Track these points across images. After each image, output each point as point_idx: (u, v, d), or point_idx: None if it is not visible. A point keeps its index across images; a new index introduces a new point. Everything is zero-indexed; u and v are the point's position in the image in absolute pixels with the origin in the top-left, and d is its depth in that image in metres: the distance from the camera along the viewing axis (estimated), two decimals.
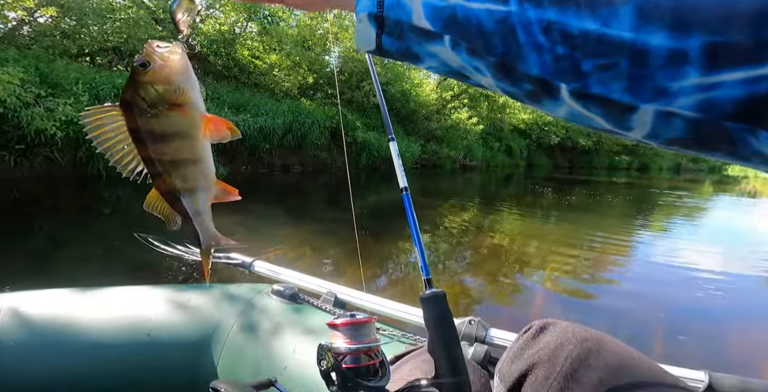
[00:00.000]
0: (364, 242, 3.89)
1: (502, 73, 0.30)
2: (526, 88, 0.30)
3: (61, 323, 0.92)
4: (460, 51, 0.31)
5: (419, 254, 0.49)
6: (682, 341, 2.27)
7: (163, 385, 0.93)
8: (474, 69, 0.32)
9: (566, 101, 0.29)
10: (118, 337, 0.92)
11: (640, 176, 24.20)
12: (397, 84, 14.55)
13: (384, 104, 0.60)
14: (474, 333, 0.81)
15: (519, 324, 2.30)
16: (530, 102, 0.32)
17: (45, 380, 0.87)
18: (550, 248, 4.37)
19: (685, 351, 2.17)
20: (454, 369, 0.45)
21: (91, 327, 0.93)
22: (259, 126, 8.90)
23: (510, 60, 0.29)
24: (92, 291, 1.03)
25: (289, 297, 1.04)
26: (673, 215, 8.01)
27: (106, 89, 6.70)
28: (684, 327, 2.45)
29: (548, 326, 0.61)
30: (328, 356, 0.51)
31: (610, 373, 0.49)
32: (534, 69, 0.28)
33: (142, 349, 0.92)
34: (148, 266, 2.84)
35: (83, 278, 2.54)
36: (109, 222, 4.18)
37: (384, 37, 0.35)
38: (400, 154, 0.56)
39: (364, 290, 1.04)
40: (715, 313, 2.75)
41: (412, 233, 0.51)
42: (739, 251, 4.77)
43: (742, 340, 2.36)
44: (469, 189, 10.93)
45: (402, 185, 0.54)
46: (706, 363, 0.74)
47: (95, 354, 0.90)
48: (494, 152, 20.74)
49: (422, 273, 0.48)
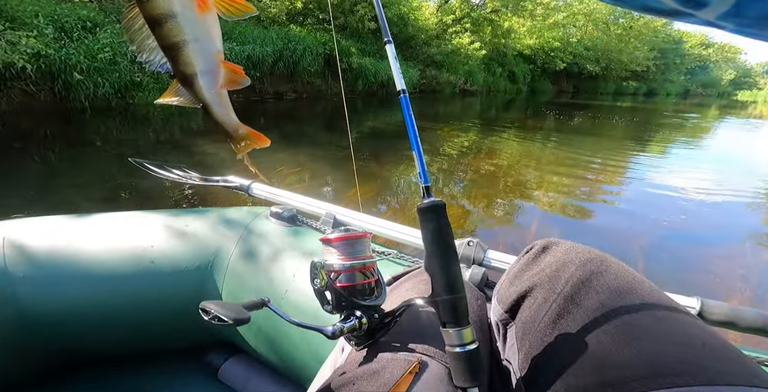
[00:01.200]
0: (362, 166, 3.88)
1: None
2: None
3: (65, 251, 0.91)
4: None
5: (418, 159, 0.44)
6: (664, 260, 2.36)
7: (169, 312, 0.95)
8: None
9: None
10: (123, 265, 0.92)
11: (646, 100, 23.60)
12: (394, 7, 13.55)
13: (379, 2, 0.52)
14: (472, 255, 0.79)
15: (515, 244, 2.40)
16: None
17: (53, 309, 0.88)
18: (547, 170, 4.38)
19: (665, 270, 2.25)
20: (452, 286, 0.42)
21: (96, 255, 0.92)
22: (247, 54, 8.51)
23: None
24: (93, 217, 1.01)
25: (287, 219, 1.03)
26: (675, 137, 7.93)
27: (71, 21, 6.31)
28: (665, 247, 2.53)
29: (551, 245, 0.58)
30: (321, 274, 0.49)
31: (611, 296, 0.47)
32: None
33: (147, 277, 0.93)
34: (147, 192, 2.85)
35: (82, 205, 2.56)
36: (101, 153, 4.11)
37: None
38: None
39: (360, 209, 1.02)
40: (697, 236, 2.82)
41: (410, 138, 0.45)
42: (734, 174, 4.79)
43: (717, 263, 2.44)
44: (469, 113, 10.74)
45: (399, 87, 0.47)
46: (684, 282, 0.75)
47: (102, 282, 0.91)
48: (496, 78, 20.02)
49: (420, 180, 0.43)
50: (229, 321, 0.41)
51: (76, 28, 6.31)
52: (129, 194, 2.85)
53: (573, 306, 0.48)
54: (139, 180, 3.03)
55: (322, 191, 3.15)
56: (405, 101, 0.45)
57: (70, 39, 6.06)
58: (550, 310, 0.49)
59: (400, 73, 0.49)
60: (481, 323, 0.61)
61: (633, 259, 2.33)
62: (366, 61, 11.27)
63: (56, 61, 5.69)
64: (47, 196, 2.70)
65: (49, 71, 5.72)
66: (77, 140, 4.53)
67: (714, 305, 0.67)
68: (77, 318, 0.90)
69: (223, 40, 0.49)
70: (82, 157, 3.90)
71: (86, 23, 6.49)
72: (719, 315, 0.66)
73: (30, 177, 3.12)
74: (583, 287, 0.49)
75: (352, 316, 0.48)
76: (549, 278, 0.52)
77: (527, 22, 19.35)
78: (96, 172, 3.38)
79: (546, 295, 0.51)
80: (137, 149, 4.24)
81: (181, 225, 1.01)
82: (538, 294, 0.52)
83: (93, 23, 6.57)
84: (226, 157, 3.78)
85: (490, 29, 17.99)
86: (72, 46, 5.97)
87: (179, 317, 0.95)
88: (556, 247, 0.58)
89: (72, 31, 6.22)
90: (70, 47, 5.93)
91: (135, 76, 6.73)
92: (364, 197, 3.04)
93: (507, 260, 0.78)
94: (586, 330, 0.45)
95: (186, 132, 5.33)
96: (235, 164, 3.56)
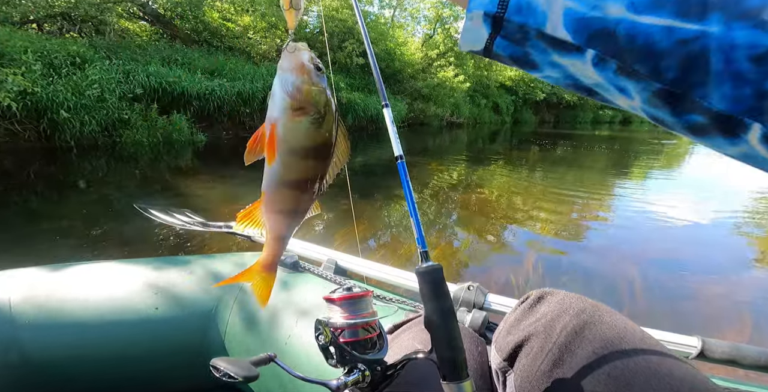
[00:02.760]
0: (356, 204, 3.89)
1: (662, 100, 0.25)
2: (693, 120, 0.25)
3: (71, 298, 0.91)
4: (605, 69, 0.26)
5: (415, 226, 0.47)
6: (657, 294, 2.37)
7: (174, 359, 0.95)
8: (617, 89, 0.27)
9: (750, 143, 0.24)
10: (128, 311, 0.92)
11: (622, 128, 24.45)
12: (381, 43, 14.09)
13: (378, 71, 0.55)
14: (473, 299, 0.81)
15: (510, 281, 2.40)
16: (687, 133, 0.27)
17: (58, 355, 0.88)
18: (536, 203, 4.44)
19: (660, 305, 2.27)
20: (450, 342, 0.45)
21: (102, 301, 0.92)
22: (237, 90, 8.60)
23: (684, 88, 0.24)
24: (100, 265, 1.02)
25: (290, 265, 1.04)
26: (654, 165, 8.19)
27: (60, 57, 6.26)
28: (658, 280, 2.55)
29: (545, 296, 0.61)
30: (326, 331, 0.51)
31: (604, 345, 0.49)
32: (721, 103, 0.23)
33: (151, 323, 0.93)
34: (136, 239, 2.80)
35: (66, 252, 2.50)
36: (88, 195, 4.05)
37: (498, 39, 0.30)
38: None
39: (359, 252, 1.04)
40: (685, 265, 2.86)
41: (409, 205, 0.48)
42: (710, 200, 4.95)
43: (711, 292, 2.47)
44: (457, 145, 10.94)
45: (397, 153, 0.50)
46: (682, 315, 0.76)
47: (107, 328, 0.90)
48: (481, 109, 20.63)
49: (419, 246, 0.46)
50: (239, 379, 0.42)
51: (65, 64, 6.26)
52: (115, 240, 2.79)
53: (568, 355, 0.50)
54: (124, 224, 2.98)
55: (319, 231, 3.14)
56: (402, 168, 0.48)
57: (58, 75, 6.02)
58: (547, 359, 0.51)
59: (398, 138, 0.52)
60: (482, 370, 0.62)
61: (626, 293, 2.34)
62: (355, 96, 11.47)
63: (43, 98, 5.62)
64: (26, 241, 2.64)
65: (35, 109, 5.63)
66: (62, 180, 4.45)
67: (715, 344, 0.69)
68: (81, 363, 0.89)
69: (213, 77, 0.51)
70: (68, 198, 3.84)
71: (75, 59, 6.46)
72: (721, 353, 0.67)
73: (10, 221, 3.05)
74: (577, 337, 0.51)
75: (355, 369, 0.49)
76: (544, 328, 0.54)
77: None
78: (82, 215, 3.32)
79: (542, 344, 0.53)
80: (124, 190, 4.17)
81: (185, 272, 1.01)
82: (534, 343, 0.54)
83: (82, 59, 6.55)
84: (215, 198, 3.77)
85: (472, 62, 18.71)
86: (60, 83, 5.91)
87: (184, 362, 0.95)
88: (550, 297, 0.60)
89: (61, 67, 6.18)
90: (57, 84, 5.88)
91: (123, 114, 6.66)
92: (362, 236, 3.04)
93: (507, 303, 0.80)
94: (580, 378, 0.47)
95: (174, 172, 5.25)
96: (227, 204, 3.56)
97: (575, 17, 0.26)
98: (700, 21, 0.23)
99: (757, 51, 0.22)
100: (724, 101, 0.23)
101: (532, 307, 0.61)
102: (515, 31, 0.29)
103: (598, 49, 0.26)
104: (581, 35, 0.26)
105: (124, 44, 8.43)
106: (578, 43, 0.27)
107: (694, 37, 0.23)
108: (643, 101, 0.27)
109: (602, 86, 0.29)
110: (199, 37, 10.70)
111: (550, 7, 0.27)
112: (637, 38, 0.24)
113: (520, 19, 0.28)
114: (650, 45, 0.24)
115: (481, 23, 0.30)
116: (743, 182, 5.84)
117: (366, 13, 14.75)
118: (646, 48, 0.24)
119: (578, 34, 0.26)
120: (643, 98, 0.26)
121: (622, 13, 0.25)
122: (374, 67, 0.53)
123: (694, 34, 0.23)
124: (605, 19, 0.25)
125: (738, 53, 0.22)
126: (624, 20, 0.25)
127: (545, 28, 0.27)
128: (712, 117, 0.24)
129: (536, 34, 0.28)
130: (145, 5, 9.92)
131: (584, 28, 0.26)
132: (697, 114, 0.25)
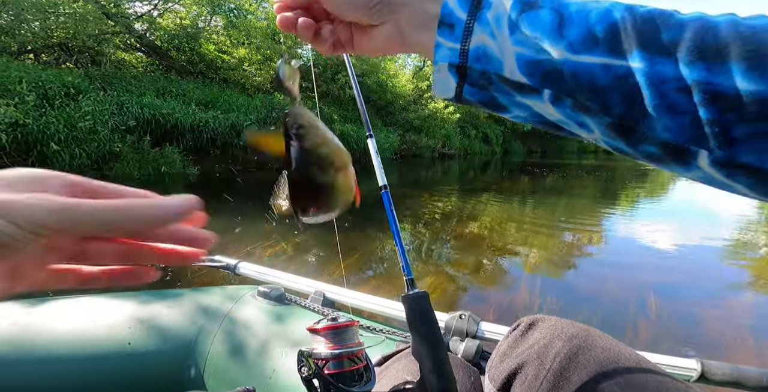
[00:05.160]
0: (345, 237, 3.87)
1: (617, 133, 0.27)
2: (647, 150, 0.27)
3: (38, 334, 0.88)
4: (562, 106, 0.29)
5: (400, 254, 0.48)
6: (656, 319, 2.36)
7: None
8: (578, 125, 0.29)
9: (702, 168, 0.25)
10: (98, 347, 0.88)
11: (607, 157, 25.03)
12: (373, 75, 14.47)
13: (362, 103, 0.58)
14: (465, 328, 0.80)
15: (504, 310, 2.37)
16: (649, 162, 0.28)
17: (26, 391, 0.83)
18: (529, 232, 4.46)
19: (662, 329, 2.25)
20: (439, 372, 0.44)
21: (69, 337, 0.88)
22: (230, 122, 8.65)
23: (631, 121, 0.26)
24: (67, 300, 0.98)
25: (275, 298, 1.02)
26: (641, 192, 8.34)
27: (54, 88, 6.24)
28: (657, 305, 2.53)
29: (536, 322, 0.61)
30: (309, 362, 0.49)
31: (599, 369, 0.49)
32: (664, 133, 0.25)
33: (124, 359, 0.89)
34: None
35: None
36: None
37: (466, 86, 0.33)
38: (380, 145, 0.55)
39: (345, 285, 1.02)
40: (680, 290, 2.86)
41: (393, 233, 0.49)
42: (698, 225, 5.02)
43: (709, 314, 2.47)
44: (449, 177, 11.04)
45: (381, 183, 0.51)
46: (682, 340, 0.75)
47: (76, 365, 0.86)
48: (471, 140, 21.03)
49: (404, 273, 0.46)
50: None
51: (59, 95, 6.23)
52: None
53: (563, 381, 0.49)
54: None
55: (307, 264, 3.10)
56: (387, 197, 0.49)
57: (51, 106, 5.97)
58: (542, 387, 0.50)
59: (382, 168, 0.54)
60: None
61: (624, 319, 2.32)
62: (347, 128, 11.59)
63: (34, 130, 5.54)
64: None
65: (25, 142, 5.54)
66: None
67: (716, 366, 0.68)
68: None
69: (207, 108, 0.48)
70: None
71: (70, 90, 6.43)
72: (722, 375, 0.67)
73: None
74: (571, 362, 0.50)
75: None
76: (537, 355, 0.53)
77: None
78: None
79: (536, 371, 0.52)
80: None
81: (163, 305, 0.98)
82: (528, 370, 0.53)
83: (77, 90, 6.53)
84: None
85: None
86: (52, 114, 5.86)
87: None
88: (542, 323, 0.60)
89: (54, 98, 6.13)
90: (50, 115, 5.82)
91: (114, 146, 6.60)
92: (350, 269, 3.01)
93: (501, 331, 0.79)
94: None
95: None
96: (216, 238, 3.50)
97: (526, 61, 0.28)
98: (626, 58, 0.25)
99: (682, 84, 0.23)
100: (667, 132, 0.25)
101: (523, 334, 0.60)
102: (479, 78, 0.31)
103: (552, 88, 0.28)
104: (535, 77, 0.28)
105: (120, 75, 8.54)
106: (534, 85, 0.29)
107: (628, 73, 0.25)
108: (602, 133, 0.28)
109: (564, 122, 0.31)
110: (194, 69, 10.93)
111: (504, 54, 0.29)
112: (581, 76, 0.26)
113: (480, 66, 0.31)
114: (593, 82, 0.26)
115: (448, 73, 0.33)
116: (729, 207, 5.94)
117: None
118: (591, 85, 0.26)
119: (532, 76, 0.28)
120: (601, 131, 0.28)
121: (564, 54, 0.27)
122: (358, 96, 0.55)
123: (626, 71, 0.25)
124: (552, 61, 0.27)
125: (667, 86, 0.24)
126: (567, 61, 0.27)
127: (504, 73, 0.30)
128: (662, 146, 0.26)
129: (497, 78, 0.30)
130: (142, 37, 10.18)
131: (536, 70, 0.28)
132: (649, 144, 0.26)
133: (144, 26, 10.31)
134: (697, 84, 0.23)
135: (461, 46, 0.31)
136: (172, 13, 10.92)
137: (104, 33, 8.83)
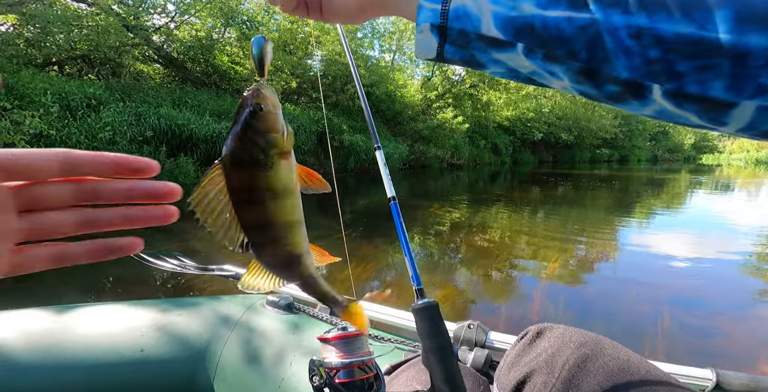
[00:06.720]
0: (355, 246, 3.87)
1: (584, 77, 0.31)
2: (610, 89, 0.31)
3: (51, 342, 0.90)
4: (534, 58, 0.32)
5: (409, 264, 0.48)
6: (674, 332, 2.31)
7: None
8: (549, 73, 0.33)
9: (656, 101, 0.30)
10: (112, 354, 0.90)
11: (621, 167, 24.73)
12: (382, 86, 14.60)
13: (369, 115, 0.59)
14: (474, 338, 0.80)
15: (516, 321, 2.35)
16: (611, 102, 0.33)
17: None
18: (540, 243, 4.41)
19: (680, 342, 2.20)
20: (450, 380, 0.44)
21: (83, 345, 0.90)
22: None
23: (596, 65, 0.30)
24: (81, 309, 1.00)
25: (284, 307, 1.03)
26: (654, 202, 8.18)
27: (77, 99, 6.40)
28: (674, 318, 2.49)
29: (545, 331, 0.61)
30: (320, 371, 0.50)
31: (608, 377, 0.49)
32: (623, 72, 0.29)
33: (136, 366, 0.90)
34: (132, 283, 2.77)
35: (66, 297, 2.47)
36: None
37: (447, 46, 0.36)
38: (389, 156, 0.56)
39: (354, 295, 1.03)
40: (701, 302, 2.80)
41: (402, 243, 0.50)
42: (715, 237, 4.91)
43: (727, 327, 2.41)
44: (458, 187, 11.00)
45: (390, 194, 0.53)
46: (700, 354, 0.74)
47: (90, 371, 0.88)
48: (480, 150, 20.93)
49: (413, 283, 0.47)
50: None
51: (81, 106, 6.38)
52: (114, 283, 2.77)
53: (572, 389, 0.49)
54: (125, 269, 2.95)
55: None
56: (395, 209, 0.50)
57: (73, 117, 6.13)
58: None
59: (390, 180, 0.55)
60: None
61: (641, 332, 2.28)
62: (357, 138, 11.66)
63: (57, 141, 5.65)
64: (27, 283, 2.62)
65: None
66: None
67: (732, 376, 0.67)
68: None
69: (221, 119, 0.43)
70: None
71: (91, 101, 6.59)
72: (738, 385, 0.66)
73: None
74: (580, 371, 0.51)
75: None
76: (546, 363, 0.54)
77: (503, 95, 20.77)
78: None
79: (545, 380, 0.52)
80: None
81: (175, 314, 1.00)
82: (537, 378, 0.53)
83: (98, 101, 6.68)
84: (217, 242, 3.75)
85: (470, 103, 19.27)
86: (74, 125, 6.02)
87: None
88: (550, 332, 0.60)
89: (77, 109, 6.29)
90: (72, 126, 5.98)
91: None
92: (360, 278, 3.01)
93: (510, 340, 0.79)
94: None
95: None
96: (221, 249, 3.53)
97: (501, 18, 0.32)
98: (586, 10, 0.29)
99: (631, 30, 0.28)
100: (625, 70, 0.29)
101: (531, 342, 0.60)
102: (457, 37, 0.35)
103: (525, 41, 0.32)
104: (509, 32, 0.32)
105: (138, 86, 8.76)
106: (509, 39, 0.32)
107: (589, 24, 0.29)
108: (570, 80, 0.32)
109: (537, 73, 0.34)
110: (208, 80, 11.20)
111: (481, 12, 0.33)
112: (550, 29, 0.30)
113: (459, 25, 0.34)
114: (560, 33, 0.30)
115: (430, 34, 0.36)
116: (746, 219, 5.82)
117: (367, 58, 15.43)
118: (558, 36, 0.30)
119: (507, 31, 0.32)
120: (570, 78, 0.32)
121: (534, 10, 0.31)
122: (366, 109, 0.57)
123: (586, 21, 0.29)
124: (524, 17, 0.31)
125: (621, 33, 0.28)
126: (537, 15, 0.31)
127: (481, 30, 0.33)
128: (621, 85, 0.30)
129: (475, 36, 0.34)
130: (160, 49, 10.46)
131: (510, 25, 0.32)
132: (612, 84, 0.30)
133: (162, 38, 10.60)
134: (643, 30, 0.27)
135: (442, 6, 0.34)
136: (188, 25, 11.21)
137: (124, 45, 9.08)
